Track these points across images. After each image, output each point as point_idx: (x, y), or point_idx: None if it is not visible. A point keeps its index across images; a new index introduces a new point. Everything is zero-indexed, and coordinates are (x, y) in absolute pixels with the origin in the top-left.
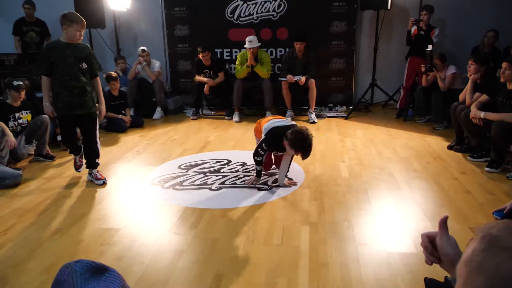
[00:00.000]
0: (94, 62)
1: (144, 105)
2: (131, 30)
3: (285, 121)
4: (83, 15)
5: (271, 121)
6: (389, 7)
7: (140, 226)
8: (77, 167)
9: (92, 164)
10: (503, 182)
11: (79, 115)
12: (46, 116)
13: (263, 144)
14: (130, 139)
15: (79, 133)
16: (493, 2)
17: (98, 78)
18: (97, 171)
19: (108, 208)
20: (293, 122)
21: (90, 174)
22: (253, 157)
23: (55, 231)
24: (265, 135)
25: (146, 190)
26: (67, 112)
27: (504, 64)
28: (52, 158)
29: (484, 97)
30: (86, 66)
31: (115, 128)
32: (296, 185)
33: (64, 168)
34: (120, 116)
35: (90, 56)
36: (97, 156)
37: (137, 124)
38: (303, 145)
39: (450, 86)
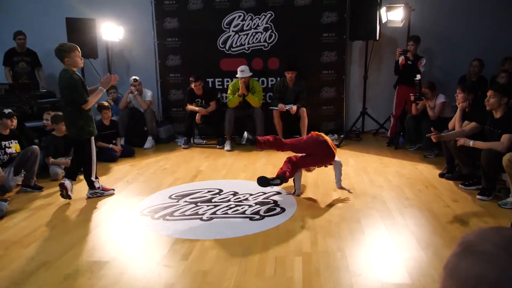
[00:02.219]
0: None
1: (135, 134)
2: (123, 60)
3: None
4: (76, 45)
5: None
6: (377, 38)
7: (129, 259)
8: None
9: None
10: (495, 210)
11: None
12: (36, 147)
13: None
14: (121, 169)
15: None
16: (479, 32)
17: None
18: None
19: (97, 239)
20: None
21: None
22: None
23: (42, 264)
24: None
25: (135, 221)
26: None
27: (489, 92)
28: (40, 189)
29: (473, 124)
30: None
31: (106, 157)
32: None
33: (52, 199)
34: (111, 145)
35: None
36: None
37: (128, 153)
38: None
39: (440, 114)
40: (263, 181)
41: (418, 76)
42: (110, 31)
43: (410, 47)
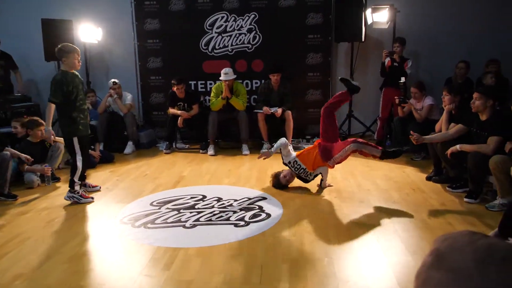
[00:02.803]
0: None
1: (114, 139)
2: (102, 62)
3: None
4: (52, 47)
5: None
6: (363, 40)
7: (108, 269)
8: (89, 190)
9: (85, 177)
10: (483, 213)
11: (88, 134)
12: (7, 153)
13: None
14: (100, 175)
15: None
16: (465, 34)
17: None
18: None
19: (75, 250)
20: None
21: (85, 185)
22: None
23: (17, 277)
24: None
25: (115, 229)
26: (84, 133)
27: (474, 95)
28: (14, 197)
29: (459, 127)
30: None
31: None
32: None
33: (27, 208)
34: (89, 151)
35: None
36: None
37: (107, 159)
38: None
39: (427, 116)
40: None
41: (403, 79)
42: (88, 33)
43: (396, 49)
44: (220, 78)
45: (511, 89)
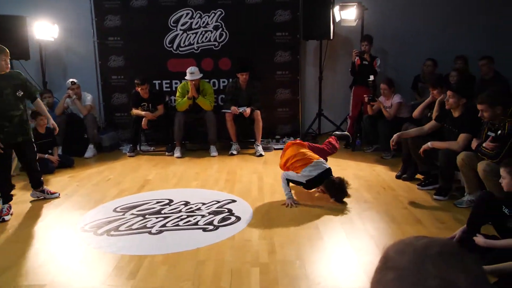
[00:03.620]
0: (30, 86)
1: (74, 143)
2: (59, 61)
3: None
4: (4, 45)
5: (306, 169)
6: (331, 37)
7: (69, 280)
8: (5, 215)
9: (39, 182)
10: (452, 210)
11: (19, 142)
12: None
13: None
14: (59, 181)
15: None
16: (432, 32)
17: (38, 99)
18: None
19: (32, 261)
20: (326, 166)
21: (42, 191)
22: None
23: None
24: (306, 181)
25: (76, 238)
26: (9, 141)
27: (448, 93)
28: None
29: (432, 123)
30: (22, 93)
31: (41, 169)
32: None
33: None
34: (47, 155)
35: (25, 82)
36: (41, 175)
37: (67, 163)
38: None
39: (396, 114)
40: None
41: (372, 77)
42: (44, 30)
43: (364, 47)
44: (186, 77)
45: (477, 86)
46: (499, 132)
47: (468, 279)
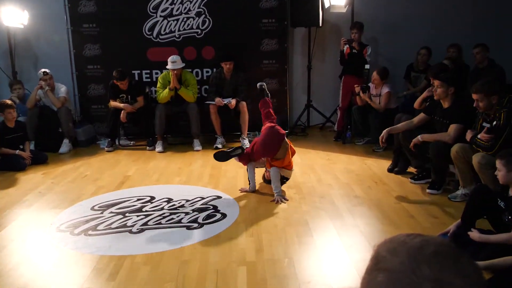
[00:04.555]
0: None
1: (48, 137)
2: (30, 50)
3: None
4: None
5: None
6: (320, 25)
7: (44, 284)
8: None
9: None
10: (446, 204)
11: None
12: None
13: None
14: (31, 178)
15: None
16: (425, 19)
17: None
18: None
19: (4, 263)
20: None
21: None
22: None
23: None
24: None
25: (51, 238)
26: None
27: (435, 82)
28: None
29: (421, 116)
30: None
31: (12, 166)
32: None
33: None
34: (18, 151)
35: None
36: None
37: (40, 160)
38: None
39: (387, 106)
40: (222, 156)
41: (367, 66)
42: (12, 16)
43: (354, 35)
44: (167, 67)
45: (471, 75)
46: (494, 122)
47: (465, 283)
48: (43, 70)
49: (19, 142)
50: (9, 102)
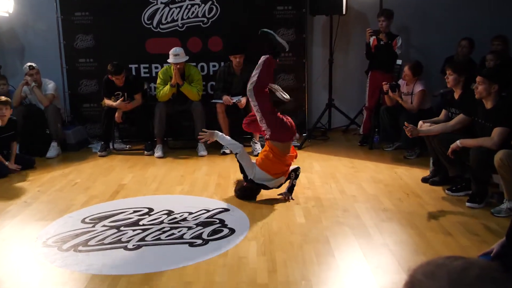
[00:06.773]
0: None
1: (33, 140)
2: (15, 41)
3: None
4: None
5: None
6: (344, 12)
7: None
8: None
9: None
10: (488, 220)
11: None
12: None
13: None
14: (15, 186)
15: None
16: (466, 6)
17: None
18: None
19: None
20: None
21: None
22: None
23: None
24: None
25: (37, 254)
26: None
27: (477, 79)
28: None
29: (460, 117)
30: None
31: None
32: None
33: None
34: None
35: None
36: None
37: (25, 164)
38: None
39: (419, 105)
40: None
41: (399, 61)
42: None
43: (381, 24)
44: (169, 60)
45: None
46: None
47: None
48: (29, 64)
49: (7, 142)
50: (2, 98)
